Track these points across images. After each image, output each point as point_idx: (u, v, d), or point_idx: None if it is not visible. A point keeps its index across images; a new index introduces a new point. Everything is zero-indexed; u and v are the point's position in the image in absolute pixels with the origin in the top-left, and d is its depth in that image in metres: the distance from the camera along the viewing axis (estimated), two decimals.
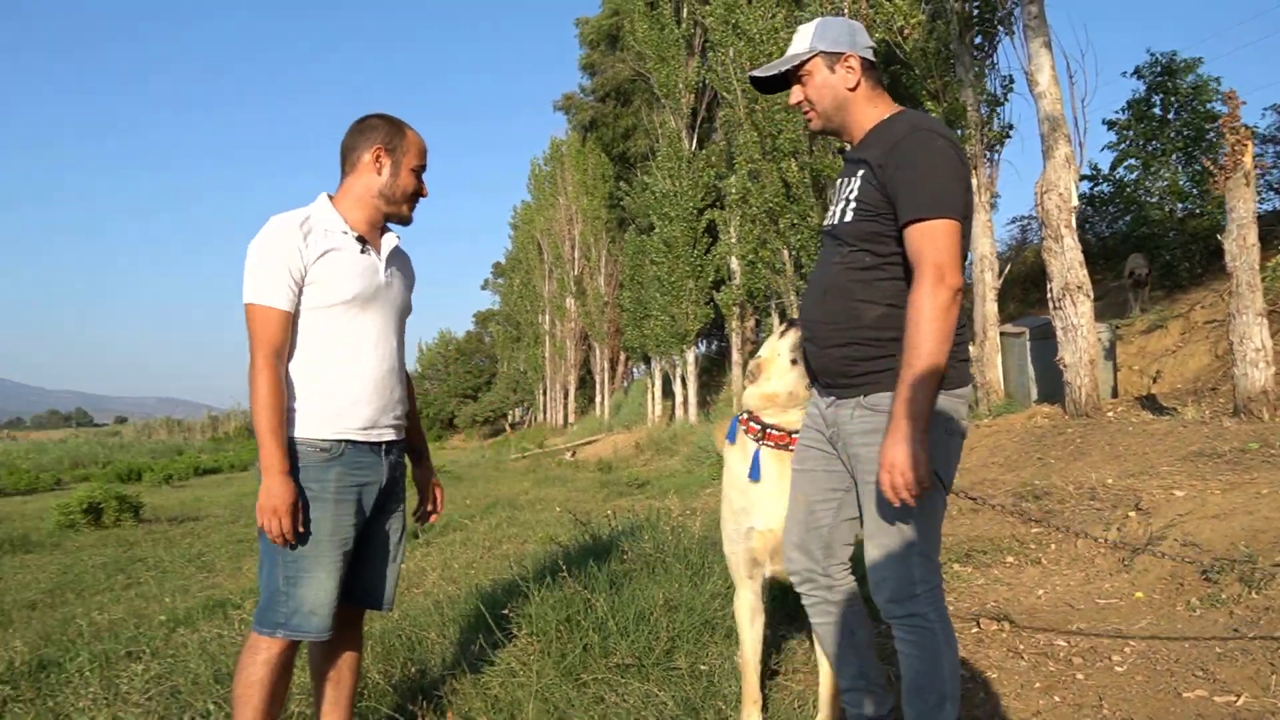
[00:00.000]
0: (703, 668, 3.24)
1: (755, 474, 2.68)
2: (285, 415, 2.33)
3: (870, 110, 2.37)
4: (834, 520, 2.42)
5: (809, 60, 2.35)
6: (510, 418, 52.29)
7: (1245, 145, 8.06)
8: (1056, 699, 3.19)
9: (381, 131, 2.50)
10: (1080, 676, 3.41)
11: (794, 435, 2.60)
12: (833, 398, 2.36)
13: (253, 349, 2.33)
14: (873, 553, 2.28)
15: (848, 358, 2.29)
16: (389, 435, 2.54)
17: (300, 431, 2.37)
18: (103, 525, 10.09)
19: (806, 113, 2.42)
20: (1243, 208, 8.02)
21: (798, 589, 2.52)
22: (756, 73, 2.46)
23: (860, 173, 2.28)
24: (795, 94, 2.41)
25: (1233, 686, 3.11)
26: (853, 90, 2.35)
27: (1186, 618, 4.01)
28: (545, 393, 44.42)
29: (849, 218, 2.29)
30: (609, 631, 3.34)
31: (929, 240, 2.12)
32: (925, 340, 2.07)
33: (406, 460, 2.75)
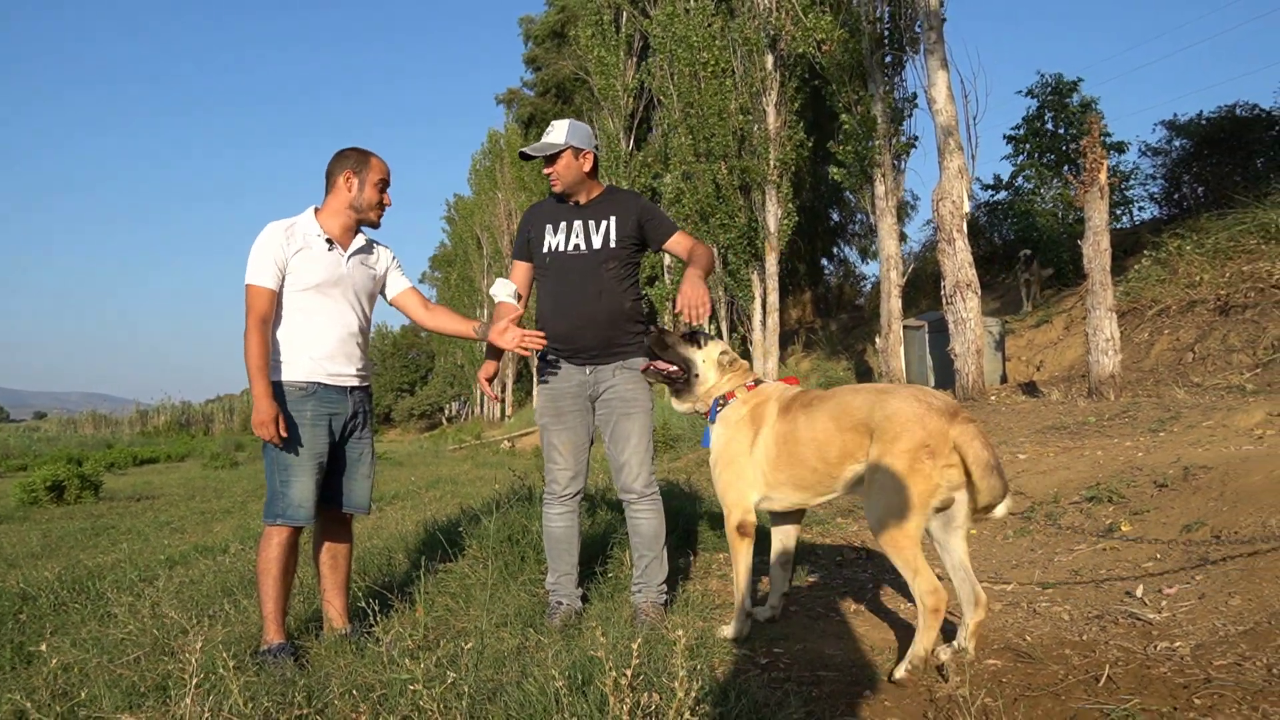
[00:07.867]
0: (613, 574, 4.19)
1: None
2: (268, 360, 3.27)
3: (593, 184, 3.77)
4: (588, 455, 3.78)
5: (563, 150, 3.65)
6: (447, 411, 52.62)
7: (1101, 164, 9.30)
8: (881, 594, 4.21)
9: (351, 160, 3.49)
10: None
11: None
12: (592, 366, 3.67)
13: (248, 316, 3.27)
14: (632, 456, 3.66)
15: (613, 337, 3.64)
16: (353, 381, 3.51)
17: (286, 376, 3.34)
18: (65, 501, 10.61)
19: (553, 180, 3.70)
20: (1098, 217, 9.25)
21: (561, 506, 3.76)
22: (526, 150, 3.70)
23: (613, 218, 3.68)
24: (548, 168, 3.69)
25: (1007, 579, 4.17)
26: (587, 173, 3.70)
27: (1001, 544, 5.08)
28: None
29: (613, 245, 3.66)
30: (541, 547, 4.26)
31: (684, 236, 3.78)
32: (707, 260, 3.59)
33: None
